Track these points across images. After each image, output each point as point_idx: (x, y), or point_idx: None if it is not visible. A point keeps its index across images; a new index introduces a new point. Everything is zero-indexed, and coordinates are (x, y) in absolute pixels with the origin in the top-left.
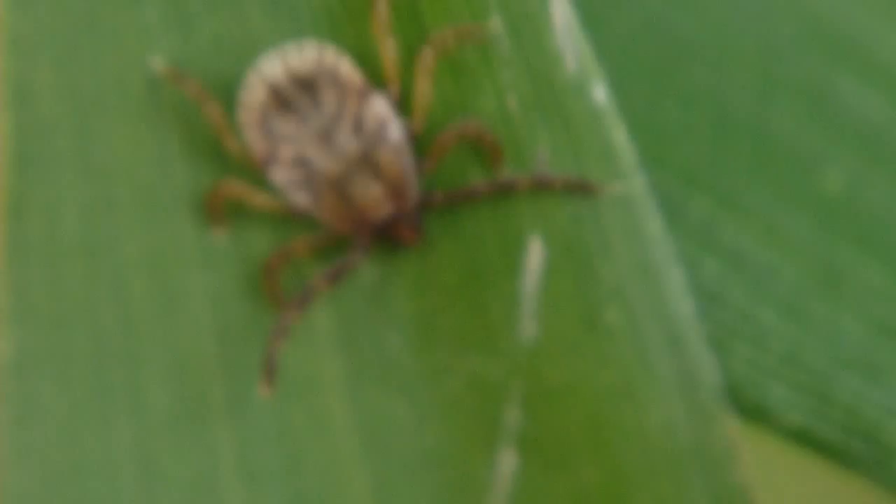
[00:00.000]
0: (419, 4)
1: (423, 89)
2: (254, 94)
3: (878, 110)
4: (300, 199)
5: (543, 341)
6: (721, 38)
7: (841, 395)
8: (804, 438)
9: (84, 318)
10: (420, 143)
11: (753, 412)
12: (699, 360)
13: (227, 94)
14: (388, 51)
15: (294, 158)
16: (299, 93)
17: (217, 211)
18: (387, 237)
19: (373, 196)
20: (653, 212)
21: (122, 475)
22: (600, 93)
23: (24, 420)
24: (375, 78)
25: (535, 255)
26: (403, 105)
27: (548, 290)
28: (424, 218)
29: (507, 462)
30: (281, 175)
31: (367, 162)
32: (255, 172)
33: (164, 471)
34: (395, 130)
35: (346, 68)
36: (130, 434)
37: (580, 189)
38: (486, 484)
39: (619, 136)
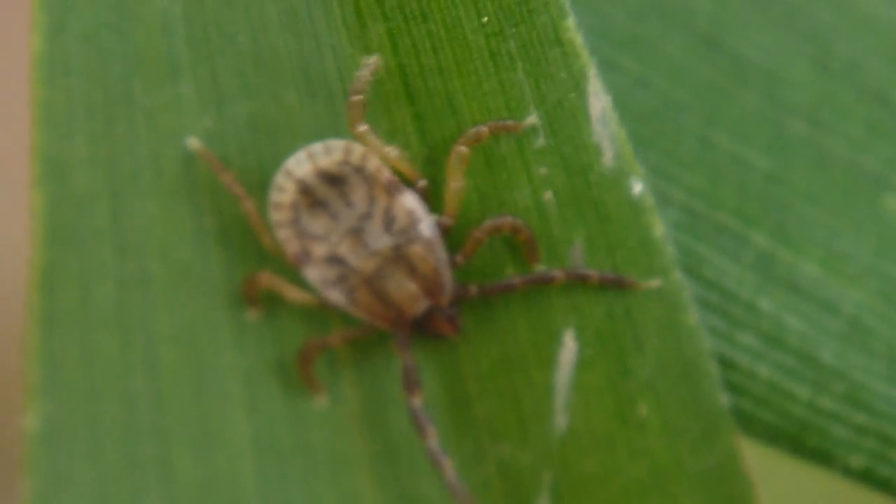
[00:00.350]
0: (455, 99)
1: (456, 184)
2: (284, 193)
3: None
4: (335, 296)
5: (575, 433)
6: (773, 60)
7: None
8: (867, 479)
9: (115, 391)
10: (454, 234)
11: (815, 455)
12: (732, 451)
13: (262, 173)
14: (394, 161)
15: (327, 257)
16: (329, 190)
17: (252, 296)
18: (424, 329)
19: (408, 292)
20: (687, 305)
21: None
22: (638, 186)
23: (52, 491)
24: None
25: (568, 348)
26: (436, 197)
27: (580, 383)
28: (460, 309)
29: None
30: (315, 273)
31: (400, 258)
32: (289, 267)
33: None
34: (427, 226)
35: (374, 164)
36: None
37: (616, 285)
38: None
39: (657, 230)
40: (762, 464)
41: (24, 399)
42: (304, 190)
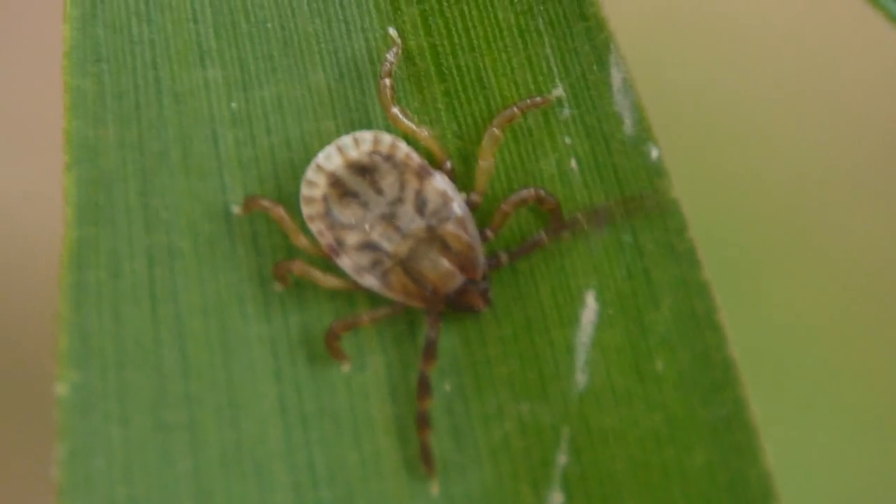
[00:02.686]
0: (485, 76)
1: (487, 163)
2: (315, 187)
3: None
4: (369, 281)
5: (594, 389)
6: None
7: None
8: None
9: (144, 360)
10: (482, 208)
11: None
12: (740, 401)
13: (289, 151)
14: (426, 140)
15: (360, 244)
16: (359, 180)
17: (282, 276)
18: (455, 305)
19: (443, 270)
20: (700, 262)
21: None
22: (655, 152)
23: (84, 455)
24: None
25: (589, 308)
26: (464, 171)
27: (600, 341)
28: (491, 282)
29: (555, 502)
30: (349, 262)
31: (434, 238)
32: (325, 259)
33: None
34: (458, 205)
35: (403, 150)
36: (188, 469)
37: (632, 211)
38: None
39: (673, 193)
40: (765, 413)
41: (57, 368)
42: (335, 182)
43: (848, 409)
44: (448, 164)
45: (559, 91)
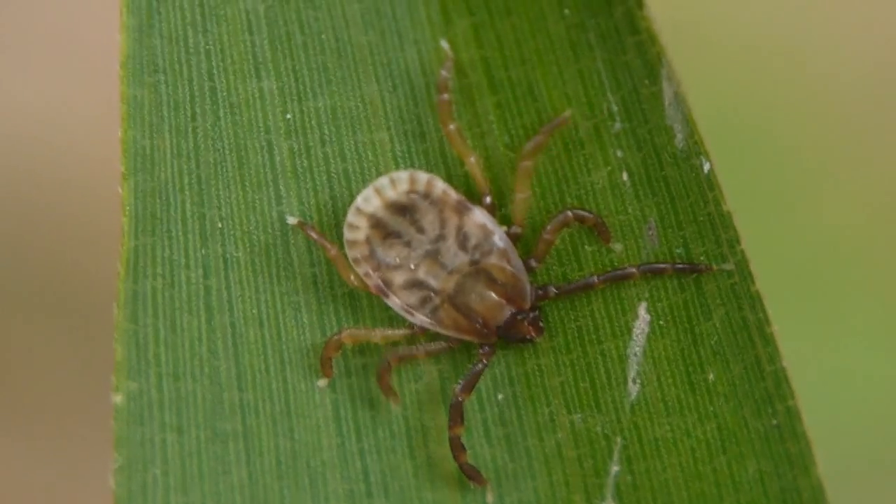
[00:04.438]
0: (537, 89)
1: (523, 195)
2: (357, 230)
3: None
4: (420, 319)
5: (646, 400)
6: None
7: None
8: None
9: (200, 370)
10: (526, 238)
11: None
12: (792, 411)
13: (343, 162)
14: (471, 167)
15: (407, 282)
16: (400, 220)
17: (330, 363)
18: (508, 335)
19: (490, 303)
20: (752, 274)
21: None
22: (707, 165)
23: (138, 463)
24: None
25: (642, 319)
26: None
27: (652, 352)
28: (542, 312)
29: None
30: (398, 301)
31: (479, 272)
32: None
33: None
34: (500, 237)
35: (440, 187)
36: (243, 478)
37: (691, 272)
38: None
39: (725, 206)
40: (818, 425)
41: (114, 378)
42: (376, 224)
43: None
44: (488, 199)
45: (568, 112)
